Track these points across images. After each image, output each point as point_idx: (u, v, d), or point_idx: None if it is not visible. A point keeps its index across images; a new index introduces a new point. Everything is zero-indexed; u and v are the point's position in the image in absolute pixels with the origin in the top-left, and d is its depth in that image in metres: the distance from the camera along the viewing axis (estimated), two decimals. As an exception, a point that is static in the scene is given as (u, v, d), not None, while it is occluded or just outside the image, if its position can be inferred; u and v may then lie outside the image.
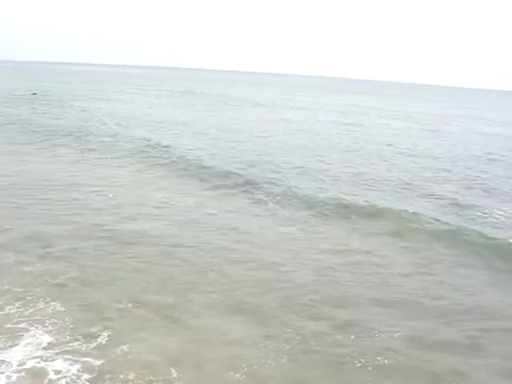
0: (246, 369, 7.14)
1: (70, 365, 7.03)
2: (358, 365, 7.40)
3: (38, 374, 6.82)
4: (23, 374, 6.82)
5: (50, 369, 6.94)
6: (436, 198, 17.30)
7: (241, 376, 7.01)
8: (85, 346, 7.47)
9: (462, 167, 23.99)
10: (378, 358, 7.53)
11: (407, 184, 19.25)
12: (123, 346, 7.49)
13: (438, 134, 36.91)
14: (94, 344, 7.52)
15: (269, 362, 7.35)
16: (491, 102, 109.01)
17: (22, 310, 8.33)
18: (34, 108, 38.74)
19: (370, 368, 7.34)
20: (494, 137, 37.62)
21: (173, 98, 59.40)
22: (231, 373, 7.05)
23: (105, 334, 7.80)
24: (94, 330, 7.88)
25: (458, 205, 16.50)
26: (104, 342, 7.60)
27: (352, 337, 8.13)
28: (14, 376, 6.74)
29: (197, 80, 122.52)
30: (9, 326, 7.84)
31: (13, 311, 8.28)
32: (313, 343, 7.88)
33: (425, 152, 27.88)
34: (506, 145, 33.20)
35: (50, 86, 66.60)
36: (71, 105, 41.90)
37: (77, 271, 9.94)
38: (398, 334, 8.27)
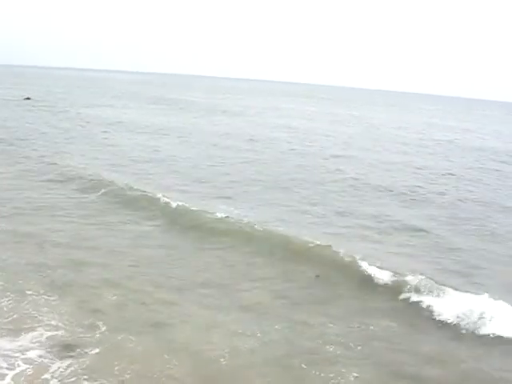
0: (235, 357, 7.42)
1: (67, 358, 7.09)
2: (339, 352, 7.72)
3: (33, 368, 6.83)
4: (19, 367, 6.82)
5: (45, 362, 6.98)
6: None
7: (228, 363, 7.28)
8: (81, 339, 7.57)
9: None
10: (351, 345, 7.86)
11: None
12: (119, 339, 7.65)
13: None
14: (91, 337, 7.65)
15: (256, 348, 7.70)
16: (475, 112, 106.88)
17: (17, 304, 8.44)
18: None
19: (350, 354, 7.68)
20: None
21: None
22: (226, 361, 7.32)
23: (101, 327, 7.95)
24: (90, 323, 8.03)
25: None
26: (100, 335, 7.74)
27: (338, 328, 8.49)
28: (9, 370, 6.73)
29: (184, 87, 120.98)
30: (4, 320, 7.94)
31: (8, 305, 8.39)
32: (301, 334, 8.24)
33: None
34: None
35: (45, 91, 65.81)
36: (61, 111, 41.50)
37: (74, 267, 10.19)
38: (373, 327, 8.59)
